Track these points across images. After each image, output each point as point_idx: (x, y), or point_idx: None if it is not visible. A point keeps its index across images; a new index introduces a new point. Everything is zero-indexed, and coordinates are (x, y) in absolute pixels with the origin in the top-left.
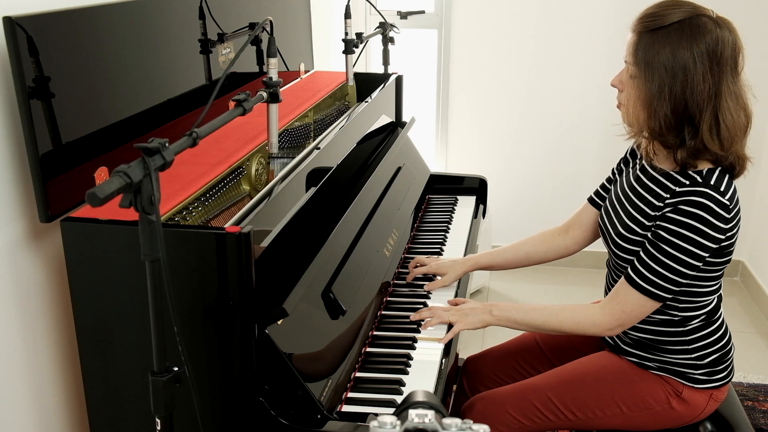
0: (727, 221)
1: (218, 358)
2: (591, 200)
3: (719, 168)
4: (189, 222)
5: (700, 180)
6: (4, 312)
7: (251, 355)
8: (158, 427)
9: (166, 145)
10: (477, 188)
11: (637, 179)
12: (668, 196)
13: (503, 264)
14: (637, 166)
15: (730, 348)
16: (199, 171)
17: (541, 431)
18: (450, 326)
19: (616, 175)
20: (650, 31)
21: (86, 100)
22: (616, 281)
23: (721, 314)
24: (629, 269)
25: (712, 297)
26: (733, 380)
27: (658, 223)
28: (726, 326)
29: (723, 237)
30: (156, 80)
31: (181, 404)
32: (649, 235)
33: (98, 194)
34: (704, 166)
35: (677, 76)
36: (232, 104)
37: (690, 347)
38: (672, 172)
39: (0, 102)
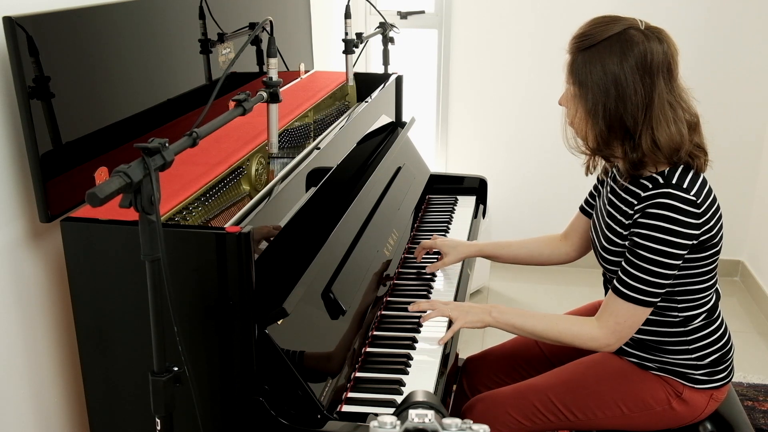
0: (697, 216)
1: (218, 358)
2: (581, 209)
3: (681, 166)
4: (189, 222)
5: (662, 181)
6: (4, 312)
7: (251, 355)
8: (158, 427)
9: (166, 145)
10: (477, 188)
11: (612, 191)
12: (637, 202)
13: (506, 257)
14: (611, 178)
15: (730, 348)
16: (199, 171)
17: None
18: (450, 324)
19: (599, 187)
20: (582, 50)
21: (86, 100)
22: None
23: (720, 314)
24: (615, 281)
25: (710, 294)
26: (733, 380)
27: (631, 230)
28: (726, 326)
29: (698, 232)
30: (156, 80)
31: (181, 404)
32: (627, 244)
33: (98, 194)
34: (664, 167)
35: (610, 92)
36: (232, 104)
37: (691, 347)
38: (639, 179)
39: (0, 102)
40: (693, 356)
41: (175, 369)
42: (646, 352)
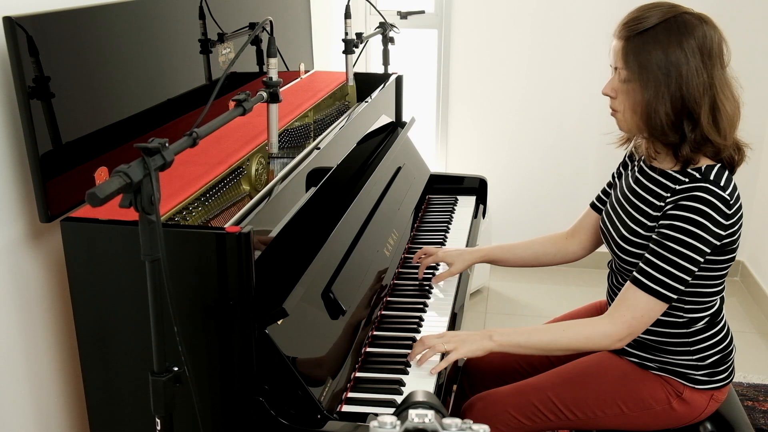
0: (727, 216)
1: (218, 358)
2: (593, 205)
3: (719, 164)
4: (189, 222)
5: (699, 176)
6: (4, 312)
7: (251, 355)
8: (158, 427)
9: (166, 145)
10: (477, 188)
11: (637, 181)
12: (668, 195)
13: (512, 260)
14: (636, 168)
15: (732, 349)
16: (199, 171)
17: (542, 431)
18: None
19: (616, 180)
20: (638, 34)
21: (86, 100)
22: (620, 283)
23: (723, 316)
24: (635, 272)
25: (717, 298)
26: (733, 380)
27: (661, 222)
28: (728, 327)
29: (724, 233)
30: (156, 80)
31: (181, 404)
32: (653, 235)
33: (98, 194)
34: (704, 163)
35: (671, 74)
36: (232, 104)
37: (692, 348)
38: (671, 171)
39: (0, 102)
40: (694, 357)
41: (175, 369)
42: (646, 352)
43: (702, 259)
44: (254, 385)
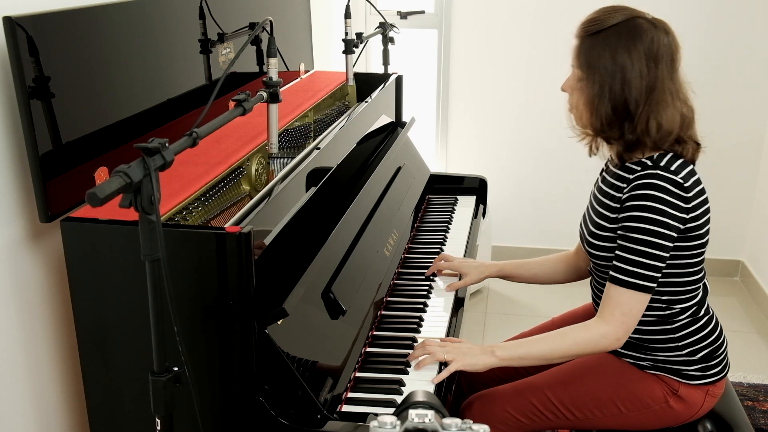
0: (685, 200)
1: (218, 358)
2: None
3: (671, 153)
4: (189, 222)
5: (651, 163)
6: (4, 312)
7: (251, 355)
8: (158, 427)
9: (166, 145)
10: (477, 188)
11: (603, 179)
12: (626, 185)
13: (528, 277)
14: (604, 168)
15: (722, 342)
16: (199, 171)
17: (540, 430)
18: (445, 364)
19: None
20: (591, 35)
21: (86, 100)
22: (598, 285)
23: (707, 309)
24: (611, 271)
25: (695, 290)
26: (733, 380)
27: (621, 215)
28: (716, 321)
29: (686, 216)
30: (156, 80)
31: (181, 404)
32: (619, 231)
33: (98, 194)
34: (649, 154)
35: (616, 76)
36: (232, 104)
37: (680, 344)
38: (628, 164)
39: (0, 102)
40: (683, 353)
41: (175, 369)
42: (638, 351)
43: (670, 244)
44: (254, 385)
